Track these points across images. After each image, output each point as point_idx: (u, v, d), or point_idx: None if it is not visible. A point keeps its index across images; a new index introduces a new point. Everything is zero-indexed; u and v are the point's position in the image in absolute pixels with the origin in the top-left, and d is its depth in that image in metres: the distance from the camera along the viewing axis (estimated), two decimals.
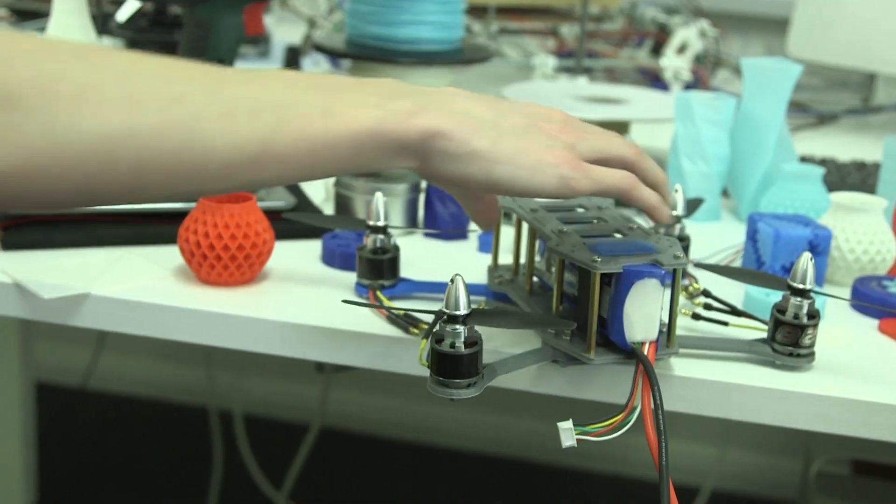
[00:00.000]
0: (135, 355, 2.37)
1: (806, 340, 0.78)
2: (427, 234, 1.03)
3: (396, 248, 0.86)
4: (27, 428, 1.98)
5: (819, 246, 0.93)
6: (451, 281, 0.68)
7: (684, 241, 0.92)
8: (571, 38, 1.80)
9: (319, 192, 1.10)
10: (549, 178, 0.69)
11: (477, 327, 0.70)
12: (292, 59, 1.55)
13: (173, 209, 0.96)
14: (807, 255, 0.77)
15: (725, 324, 0.85)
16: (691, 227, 1.09)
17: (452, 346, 0.69)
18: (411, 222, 1.03)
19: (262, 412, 2.29)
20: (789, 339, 0.78)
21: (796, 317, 0.77)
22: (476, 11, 1.71)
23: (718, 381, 0.78)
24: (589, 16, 1.70)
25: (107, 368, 2.27)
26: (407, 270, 0.89)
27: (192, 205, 0.88)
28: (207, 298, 0.85)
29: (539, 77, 1.62)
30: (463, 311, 0.68)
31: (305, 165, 0.66)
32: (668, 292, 0.74)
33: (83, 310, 0.84)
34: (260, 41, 1.73)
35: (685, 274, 0.90)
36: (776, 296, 0.84)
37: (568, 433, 0.69)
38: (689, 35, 1.68)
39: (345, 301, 0.77)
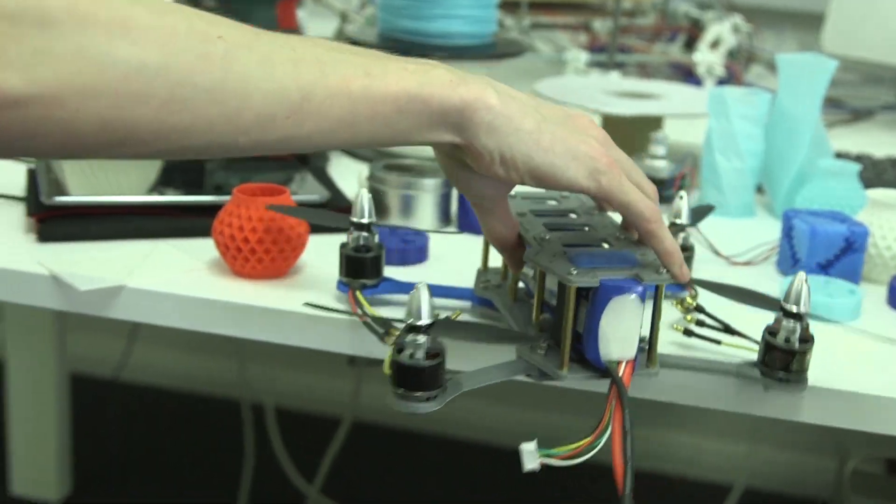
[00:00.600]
0: (167, 347, 2.38)
1: (795, 366, 0.72)
2: (459, 231, 1.02)
3: (380, 247, 0.83)
4: (62, 419, 2.00)
5: (855, 243, 0.92)
6: (415, 289, 0.65)
7: (688, 251, 0.87)
8: (604, 33, 1.80)
9: (353, 187, 1.10)
10: (582, 169, 0.67)
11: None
12: None
13: (208, 202, 0.97)
14: (801, 276, 0.71)
15: (718, 342, 0.80)
16: (725, 223, 1.09)
17: (412, 356, 0.65)
18: (444, 218, 1.03)
19: (294, 405, 2.30)
20: (779, 364, 0.72)
21: (787, 341, 0.72)
22: (508, 6, 1.71)
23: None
24: (622, 11, 1.69)
25: (139, 360, 2.29)
26: (437, 266, 0.89)
27: (227, 198, 0.88)
28: (241, 291, 0.85)
29: (571, 72, 1.62)
30: (425, 321, 0.65)
31: (344, 123, 0.65)
32: (650, 308, 0.70)
33: (118, 302, 0.85)
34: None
35: (688, 285, 0.86)
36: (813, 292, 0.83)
37: (531, 456, 0.65)
38: (723, 30, 1.67)
39: (307, 304, 0.74)
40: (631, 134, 1.25)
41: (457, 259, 0.95)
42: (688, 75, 1.71)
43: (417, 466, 2.22)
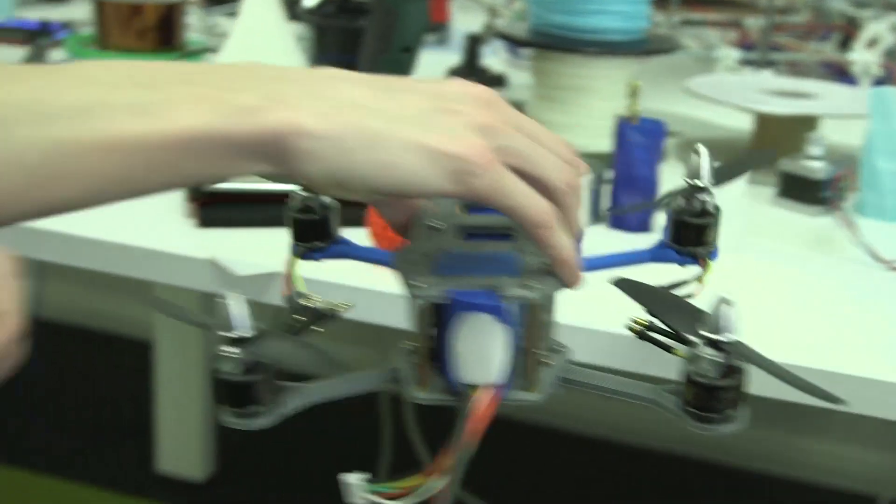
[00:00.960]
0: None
1: (716, 404, 0.58)
2: (612, 227, 1.01)
3: (326, 209, 0.72)
4: (207, 401, 2.05)
5: None
6: (224, 298, 0.57)
7: (708, 217, 0.68)
8: (755, 30, 1.76)
9: None
10: (441, 173, 0.54)
11: None
12: (472, 47, 1.57)
13: None
14: (725, 300, 0.58)
15: (669, 349, 0.66)
16: (885, 227, 1.06)
17: (227, 370, 0.57)
18: (594, 214, 1.02)
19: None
20: (695, 401, 0.59)
21: (702, 375, 0.58)
22: (659, 2, 1.69)
23: (882, 381, 0.74)
24: (774, 8, 1.66)
25: None
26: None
27: None
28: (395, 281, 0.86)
29: (722, 70, 1.60)
30: (237, 333, 0.57)
31: (115, 178, 0.53)
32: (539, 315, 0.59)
33: (274, 287, 0.87)
34: (439, 29, 1.75)
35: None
36: None
37: (352, 488, 0.58)
38: (881, 29, 1.63)
39: (153, 304, 0.68)
40: (785, 134, 1.23)
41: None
42: (841, 74, 1.66)
43: (559, 465, 2.21)
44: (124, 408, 2.30)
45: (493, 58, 1.64)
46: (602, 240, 0.98)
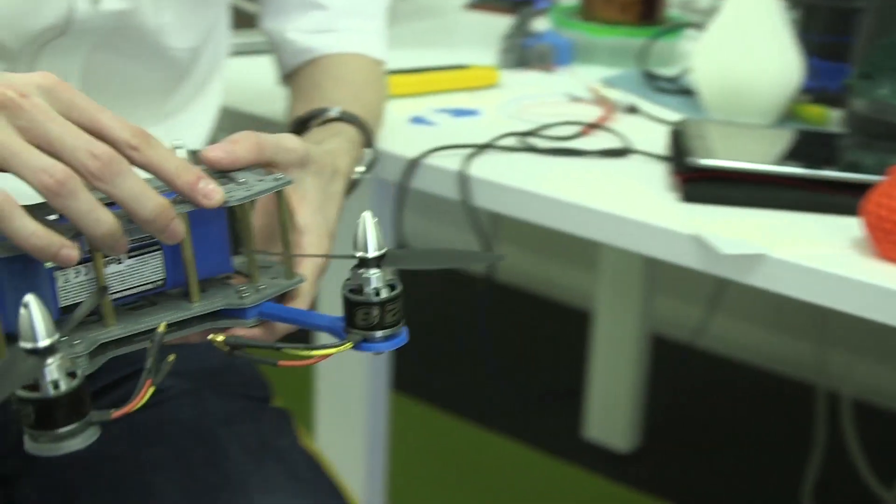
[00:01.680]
0: (746, 321, 2.37)
1: None
2: None
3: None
4: (639, 376, 2.07)
5: None
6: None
7: (361, 295, 0.64)
8: None
9: None
10: None
11: None
12: None
13: (849, 179, 0.94)
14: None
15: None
16: None
17: None
18: None
19: (877, 401, 2.19)
20: None
21: None
22: None
23: None
24: None
25: (717, 330, 2.30)
26: None
27: (871, 177, 0.86)
28: (886, 274, 0.82)
29: None
30: None
31: None
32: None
33: (758, 270, 0.85)
34: None
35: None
36: None
37: None
38: None
39: None
40: None
41: None
42: None
43: None
44: (558, 373, 2.36)
45: None
46: None
